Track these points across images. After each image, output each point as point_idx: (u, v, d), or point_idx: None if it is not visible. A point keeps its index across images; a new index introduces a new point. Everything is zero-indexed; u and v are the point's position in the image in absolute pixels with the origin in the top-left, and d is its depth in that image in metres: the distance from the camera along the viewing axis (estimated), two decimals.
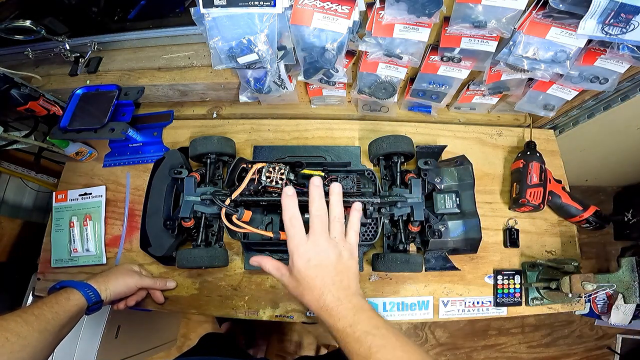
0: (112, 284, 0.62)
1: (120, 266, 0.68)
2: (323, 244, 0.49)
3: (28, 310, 0.51)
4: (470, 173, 0.70)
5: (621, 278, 0.60)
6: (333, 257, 0.48)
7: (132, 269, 0.68)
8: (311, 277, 0.47)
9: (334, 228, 0.50)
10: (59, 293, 0.57)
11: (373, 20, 0.58)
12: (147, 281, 0.68)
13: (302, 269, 0.48)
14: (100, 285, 0.61)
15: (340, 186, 0.53)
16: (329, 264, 0.48)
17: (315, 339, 1.48)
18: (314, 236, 0.49)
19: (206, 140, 0.72)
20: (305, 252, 0.48)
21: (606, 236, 1.52)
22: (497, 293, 0.70)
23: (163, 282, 0.70)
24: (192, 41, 0.81)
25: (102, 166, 0.82)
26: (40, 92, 0.75)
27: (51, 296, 0.56)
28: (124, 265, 0.69)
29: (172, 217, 0.69)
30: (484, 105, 0.83)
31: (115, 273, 0.65)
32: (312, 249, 0.48)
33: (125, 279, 0.65)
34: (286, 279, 0.50)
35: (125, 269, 0.67)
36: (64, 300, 0.55)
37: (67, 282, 0.59)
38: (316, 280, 0.47)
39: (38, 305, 0.53)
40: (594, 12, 0.48)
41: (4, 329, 0.46)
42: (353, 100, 0.85)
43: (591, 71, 0.62)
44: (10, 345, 0.45)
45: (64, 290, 0.57)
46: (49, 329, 0.51)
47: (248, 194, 0.63)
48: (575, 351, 1.50)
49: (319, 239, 0.49)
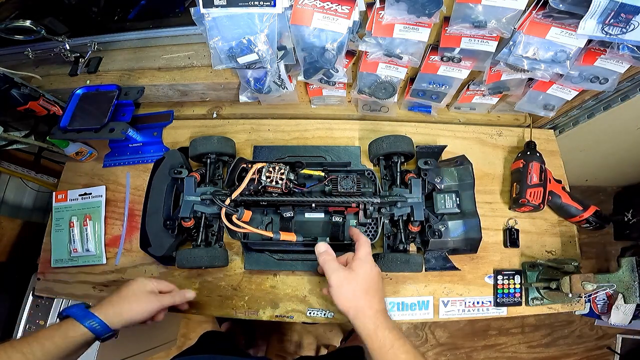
0: (125, 313, 0.55)
1: (135, 288, 0.58)
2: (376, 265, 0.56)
3: (27, 340, 0.47)
4: (470, 173, 0.70)
5: (621, 278, 0.60)
6: (380, 275, 0.56)
7: (148, 289, 0.58)
8: (375, 280, 0.54)
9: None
10: (61, 324, 0.51)
11: (373, 20, 0.58)
12: (166, 300, 0.60)
13: (366, 266, 0.54)
14: (110, 315, 0.53)
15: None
16: (380, 279, 0.55)
17: (315, 339, 1.48)
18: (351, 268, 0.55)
19: (206, 140, 0.72)
20: (373, 262, 0.55)
21: (606, 236, 1.52)
22: (497, 293, 0.70)
23: (181, 295, 0.63)
24: (192, 41, 0.81)
25: (102, 166, 0.82)
26: (40, 92, 0.75)
27: (53, 327, 0.51)
28: (138, 286, 0.58)
29: (172, 217, 0.69)
30: (484, 105, 0.83)
31: (129, 300, 0.56)
32: (375, 263, 0.56)
33: (141, 305, 0.56)
34: (340, 270, 0.54)
35: (141, 292, 0.57)
36: (65, 332, 0.50)
37: (71, 311, 0.52)
38: (375, 284, 0.53)
39: (38, 335, 0.48)
40: (594, 12, 0.48)
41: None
42: (353, 100, 0.85)
43: (591, 71, 0.62)
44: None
45: (66, 321, 0.52)
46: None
47: (248, 193, 0.63)
48: (575, 351, 1.50)
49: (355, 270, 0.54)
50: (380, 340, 0.48)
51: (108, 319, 0.52)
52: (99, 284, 0.73)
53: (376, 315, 0.50)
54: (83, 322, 0.51)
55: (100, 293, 0.72)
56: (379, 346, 0.48)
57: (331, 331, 1.47)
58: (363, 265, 0.54)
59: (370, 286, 0.53)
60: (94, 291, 0.72)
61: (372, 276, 0.54)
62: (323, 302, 0.69)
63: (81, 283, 0.73)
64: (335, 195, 0.64)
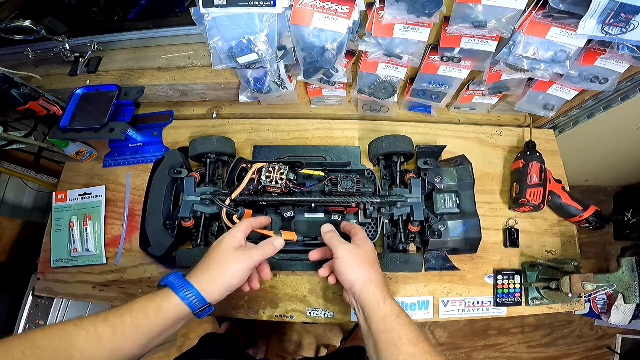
0: (219, 279, 0.48)
1: (223, 247, 0.50)
2: (368, 248, 0.57)
3: (119, 312, 0.42)
4: (470, 173, 0.70)
5: (621, 278, 0.60)
6: (374, 257, 0.57)
7: (235, 245, 0.51)
8: (373, 252, 0.56)
9: None
10: (156, 294, 0.46)
11: (373, 20, 0.58)
12: (256, 256, 0.51)
13: (369, 244, 0.57)
14: (204, 284, 0.47)
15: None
16: (372, 261, 0.56)
17: (315, 339, 1.48)
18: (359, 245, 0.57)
19: (206, 140, 0.72)
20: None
21: (606, 236, 1.52)
22: (497, 293, 0.70)
23: (270, 246, 0.54)
24: (192, 41, 0.81)
25: (102, 166, 0.82)
26: (40, 92, 0.75)
27: (148, 297, 0.45)
28: (226, 244, 0.50)
29: (172, 217, 0.69)
30: (484, 105, 0.83)
31: (218, 263, 0.49)
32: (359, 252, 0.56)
33: (234, 266, 0.49)
34: (346, 244, 0.56)
35: (229, 250, 0.50)
36: (160, 304, 0.45)
37: (168, 280, 0.47)
38: (377, 261, 0.56)
39: (133, 307, 0.44)
40: (594, 12, 0.48)
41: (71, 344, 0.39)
42: (353, 100, 0.85)
43: (591, 71, 0.62)
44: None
45: (162, 291, 0.46)
46: (142, 340, 0.43)
47: (248, 193, 0.63)
48: (575, 351, 1.50)
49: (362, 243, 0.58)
50: (387, 309, 0.49)
51: (202, 287, 0.46)
52: (99, 284, 0.73)
53: (384, 286, 0.52)
54: (178, 292, 0.45)
55: (100, 293, 0.72)
56: (385, 315, 0.49)
57: (331, 331, 1.47)
58: (365, 241, 0.57)
59: (375, 261, 0.56)
60: (94, 291, 0.72)
61: (374, 251, 0.57)
62: (323, 302, 0.69)
63: (81, 283, 0.73)
64: (335, 195, 0.64)
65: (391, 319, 0.48)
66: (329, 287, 0.69)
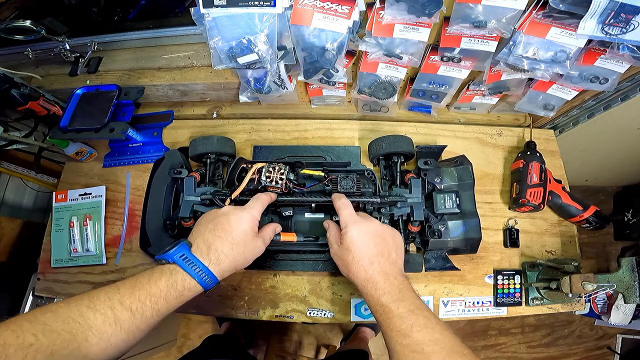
0: (238, 262, 0.48)
1: (245, 229, 0.49)
2: (376, 222, 0.53)
3: (135, 295, 0.41)
4: (470, 173, 0.70)
5: (621, 278, 0.60)
6: (387, 232, 0.52)
7: (255, 228, 0.50)
8: (364, 243, 0.50)
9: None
10: (174, 278, 0.44)
11: (373, 20, 0.58)
12: (268, 239, 0.53)
13: (355, 236, 0.50)
14: (223, 266, 0.46)
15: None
16: (382, 236, 0.51)
17: (315, 339, 1.48)
18: (367, 216, 0.54)
19: (206, 140, 0.72)
20: (359, 221, 0.51)
21: (606, 236, 1.52)
22: (497, 293, 0.70)
23: (273, 228, 0.56)
24: (192, 41, 0.81)
25: (102, 166, 0.82)
26: (40, 92, 0.75)
27: (165, 280, 0.43)
28: (249, 227, 0.49)
29: (171, 217, 0.69)
30: (484, 105, 0.83)
31: (241, 248, 0.48)
32: (366, 222, 0.52)
33: (256, 251, 0.50)
34: (336, 248, 0.53)
35: (251, 234, 0.49)
36: (180, 290, 0.44)
37: (180, 262, 0.45)
38: (368, 248, 0.49)
39: (151, 291, 0.42)
40: (594, 12, 0.48)
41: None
42: (353, 100, 0.85)
43: (591, 71, 0.62)
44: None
45: (176, 272, 0.44)
46: (159, 321, 0.43)
47: (248, 193, 0.63)
48: (575, 351, 1.50)
49: (372, 218, 0.54)
50: (382, 307, 0.46)
51: (220, 270, 0.46)
52: (99, 284, 0.73)
53: (382, 280, 0.48)
54: (197, 278, 0.44)
55: None
56: (403, 289, 0.46)
57: (331, 331, 1.47)
58: (346, 235, 0.51)
59: (365, 255, 0.50)
60: None
61: (358, 243, 0.51)
62: (323, 302, 0.69)
63: (81, 283, 0.73)
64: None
65: (386, 315, 0.45)
66: (329, 287, 0.70)
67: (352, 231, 0.51)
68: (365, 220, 0.52)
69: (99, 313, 0.39)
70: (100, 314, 0.39)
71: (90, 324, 0.38)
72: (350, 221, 0.52)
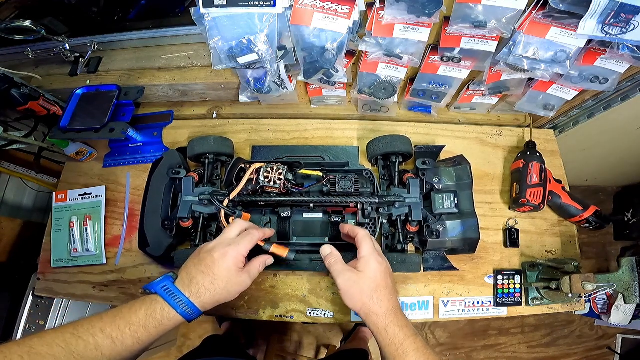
0: (221, 298, 0.49)
1: (228, 265, 0.49)
2: (383, 257, 0.56)
3: (116, 324, 0.43)
4: (468, 173, 0.70)
5: (621, 278, 0.60)
6: (389, 270, 0.55)
7: (240, 265, 0.51)
8: (383, 277, 0.53)
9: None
10: (154, 309, 0.45)
11: (373, 20, 0.58)
12: (255, 273, 0.53)
13: (371, 265, 0.53)
14: (204, 300, 0.48)
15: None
16: (389, 273, 0.55)
17: (315, 339, 1.48)
18: (376, 250, 0.56)
19: (203, 140, 0.72)
20: (379, 257, 0.54)
21: (606, 236, 1.52)
22: (497, 293, 0.70)
23: (263, 264, 0.56)
24: (192, 41, 0.81)
25: (102, 166, 0.82)
26: (40, 92, 0.75)
27: (145, 310, 0.45)
28: (233, 263, 0.50)
29: (170, 217, 0.69)
30: (484, 105, 0.83)
31: (224, 283, 0.49)
32: (381, 257, 0.55)
33: (240, 287, 0.51)
34: (349, 275, 0.53)
35: (234, 270, 0.50)
36: (160, 320, 0.45)
37: (163, 294, 0.46)
38: (383, 281, 0.52)
39: (131, 320, 0.44)
40: (594, 12, 0.48)
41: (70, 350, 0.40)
42: (353, 100, 0.85)
43: (591, 71, 0.62)
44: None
45: (156, 304, 0.46)
46: (141, 349, 0.44)
47: (246, 194, 0.63)
48: (575, 351, 1.50)
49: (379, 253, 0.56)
50: (390, 338, 0.49)
51: (202, 301, 0.47)
52: (99, 284, 0.73)
53: (386, 314, 0.50)
54: (177, 309, 0.46)
55: (100, 293, 0.72)
56: (389, 343, 0.49)
57: (331, 331, 1.47)
58: (368, 264, 0.53)
59: (379, 284, 0.52)
60: (94, 291, 0.72)
61: (379, 273, 0.53)
62: (323, 302, 0.69)
63: (81, 283, 0.73)
64: (334, 195, 0.64)
65: (395, 347, 0.48)
66: (328, 287, 0.70)
67: (374, 264, 0.53)
68: (381, 257, 0.55)
69: (81, 340, 0.41)
70: (82, 341, 0.41)
71: (73, 350, 0.40)
72: (373, 255, 0.54)
